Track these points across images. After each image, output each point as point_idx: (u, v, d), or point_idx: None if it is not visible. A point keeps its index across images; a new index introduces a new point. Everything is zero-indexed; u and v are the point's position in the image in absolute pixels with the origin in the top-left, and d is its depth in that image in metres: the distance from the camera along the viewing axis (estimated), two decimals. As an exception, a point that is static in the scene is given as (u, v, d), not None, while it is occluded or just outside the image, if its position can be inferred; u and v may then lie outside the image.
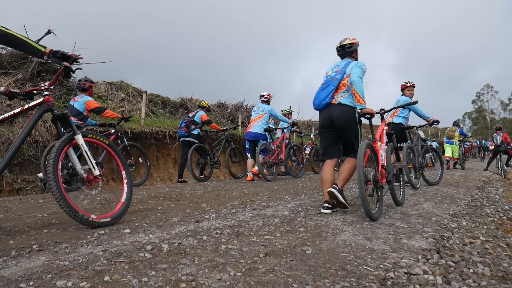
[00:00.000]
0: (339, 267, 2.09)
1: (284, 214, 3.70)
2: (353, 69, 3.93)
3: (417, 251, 2.54)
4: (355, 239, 2.77)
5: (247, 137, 8.50)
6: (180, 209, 4.01)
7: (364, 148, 3.57)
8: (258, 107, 8.74)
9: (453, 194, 5.97)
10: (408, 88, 6.98)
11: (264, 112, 8.48)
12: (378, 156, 3.91)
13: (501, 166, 11.77)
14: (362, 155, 3.49)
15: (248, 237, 2.74)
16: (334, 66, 4.19)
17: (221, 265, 2.05)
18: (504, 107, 71.91)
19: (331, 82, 4.01)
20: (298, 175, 9.19)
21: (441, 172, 7.51)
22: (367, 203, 3.42)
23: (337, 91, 3.99)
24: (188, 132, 8.18)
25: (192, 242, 2.54)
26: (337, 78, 3.99)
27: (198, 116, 8.45)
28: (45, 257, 2.17)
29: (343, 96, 3.96)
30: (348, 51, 4.21)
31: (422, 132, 7.52)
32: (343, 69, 4.02)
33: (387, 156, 4.13)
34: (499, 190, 7.18)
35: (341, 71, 4.01)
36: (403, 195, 4.69)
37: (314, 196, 5.25)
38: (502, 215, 4.45)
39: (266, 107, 8.57)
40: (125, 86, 11.75)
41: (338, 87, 3.99)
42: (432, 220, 3.68)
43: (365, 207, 3.42)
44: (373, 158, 3.90)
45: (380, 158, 3.91)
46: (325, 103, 3.99)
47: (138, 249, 2.35)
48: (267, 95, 8.76)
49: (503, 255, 2.72)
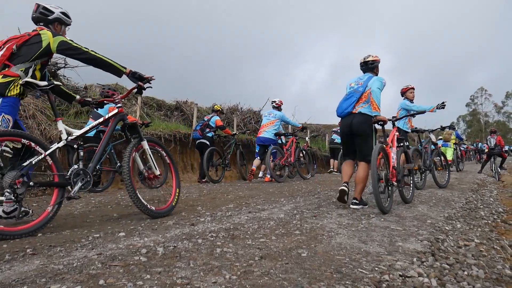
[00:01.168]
0: (334, 270, 2.10)
1: (279, 217, 3.70)
2: (374, 82, 4.50)
3: (412, 253, 2.55)
4: (350, 242, 2.78)
5: (258, 142, 8.89)
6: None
7: (377, 151, 4.15)
8: (269, 112, 9.05)
9: (448, 196, 5.99)
10: (410, 91, 7.09)
11: (275, 118, 8.83)
12: (390, 158, 4.52)
13: (495, 169, 11.83)
14: (376, 156, 4.07)
15: (244, 240, 2.74)
16: (357, 79, 4.75)
17: (217, 268, 2.04)
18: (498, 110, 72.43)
19: (354, 93, 4.58)
20: (307, 177, 9.55)
21: (448, 175, 7.64)
22: (379, 198, 3.98)
23: (358, 102, 4.55)
24: (203, 135, 8.66)
25: (187, 245, 2.54)
26: (359, 91, 4.55)
27: (213, 120, 8.89)
28: (39, 261, 2.16)
29: (363, 107, 4.52)
30: (371, 66, 4.76)
31: (434, 136, 7.64)
32: (365, 83, 4.57)
33: (398, 158, 4.68)
34: (493, 193, 7.22)
35: (363, 85, 4.57)
36: (412, 194, 5.21)
37: (309, 199, 5.25)
38: (496, 217, 4.47)
39: (277, 113, 8.92)
40: (120, 89, 11.70)
41: (360, 98, 4.54)
42: (427, 222, 3.69)
43: (377, 202, 3.97)
44: (385, 160, 4.50)
45: (391, 160, 4.53)
46: (347, 112, 4.57)
47: (133, 252, 2.34)
48: (278, 102, 9.09)
49: (497, 257, 2.73)
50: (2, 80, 3.07)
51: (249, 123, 15.06)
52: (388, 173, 4.42)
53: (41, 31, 3.26)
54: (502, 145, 13.03)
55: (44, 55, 3.27)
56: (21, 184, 2.83)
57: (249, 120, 15.27)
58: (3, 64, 3.13)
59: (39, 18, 3.41)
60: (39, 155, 2.98)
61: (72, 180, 3.18)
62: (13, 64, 3.15)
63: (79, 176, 3.24)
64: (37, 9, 3.40)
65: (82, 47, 3.30)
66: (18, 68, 3.15)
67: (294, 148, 9.21)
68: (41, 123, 6.87)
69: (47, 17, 3.42)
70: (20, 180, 2.82)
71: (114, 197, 5.28)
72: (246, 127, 14.24)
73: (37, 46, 3.19)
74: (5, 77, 3.09)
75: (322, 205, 4.63)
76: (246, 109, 16.00)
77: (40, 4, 3.41)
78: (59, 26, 3.51)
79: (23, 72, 3.18)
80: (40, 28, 3.34)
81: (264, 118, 9.15)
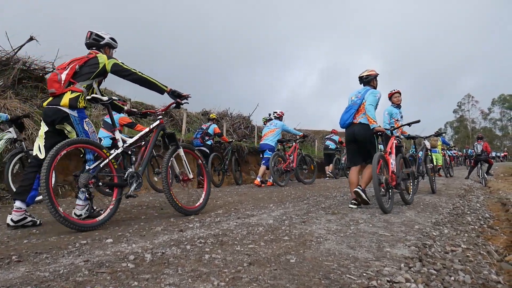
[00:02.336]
0: (322, 276, 2.10)
1: (268, 223, 3.70)
2: (368, 96, 5.05)
3: (399, 259, 2.56)
4: (339, 248, 2.79)
5: (261, 148, 9.59)
6: (163, 218, 3.98)
7: (377, 158, 4.63)
8: (271, 122, 9.78)
9: (435, 202, 6.05)
10: (395, 95, 7.09)
11: (276, 127, 9.50)
12: (389, 164, 5.05)
13: (482, 175, 11.98)
14: (376, 164, 4.56)
15: (232, 246, 2.73)
16: (356, 92, 5.30)
17: (205, 275, 2.04)
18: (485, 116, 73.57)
19: (353, 106, 5.15)
20: (308, 181, 10.04)
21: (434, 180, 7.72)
22: (381, 199, 4.46)
23: (358, 113, 5.13)
24: (203, 142, 9.30)
25: (176, 252, 2.52)
26: (357, 103, 5.13)
27: (212, 128, 9.54)
28: (24, 268, 2.13)
29: (363, 117, 5.07)
30: (365, 81, 5.32)
31: (428, 142, 7.75)
32: (363, 96, 5.13)
33: (397, 164, 5.19)
34: (480, 198, 7.31)
35: (361, 97, 5.13)
36: (412, 196, 5.80)
37: (298, 204, 5.26)
38: (482, 223, 4.52)
39: (278, 122, 9.63)
40: (109, 94, 11.65)
41: (359, 110, 5.12)
42: (415, 228, 3.72)
43: (379, 203, 4.46)
44: (384, 166, 4.97)
45: (390, 166, 5.04)
46: (348, 123, 5.14)
47: (120, 259, 2.32)
48: (279, 112, 9.85)
49: (484, 263, 2.76)
50: (72, 95, 3.54)
51: (238, 128, 15.06)
52: (388, 177, 4.89)
53: (97, 54, 3.79)
54: (489, 151, 13.19)
55: (100, 75, 3.79)
56: (93, 184, 3.42)
57: (239, 125, 15.26)
58: (68, 81, 3.60)
59: (92, 44, 3.94)
60: (104, 160, 3.55)
61: (128, 181, 3.77)
62: (76, 81, 3.63)
63: (133, 178, 3.84)
64: (90, 36, 3.93)
65: (131, 69, 3.81)
66: (81, 84, 3.65)
67: (296, 154, 9.77)
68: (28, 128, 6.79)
69: (99, 43, 3.96)
70: (92, 181, 3.39)
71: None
72: (236, 132, 14.25)
73: (95, 67, 3.70)
74: (74, 93, 3.57)
75: (311, 211, 4.64)
76: (236, 114, 15.99)
77: (93, 31, 3.95)
78: (109, 49, 4.06)
79: (85, 88, 3.70)
80: (96, 52, 3.88)
81: (265, 127, 9.89)
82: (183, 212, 4.10)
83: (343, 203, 5.54)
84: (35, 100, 8.15)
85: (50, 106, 3.56)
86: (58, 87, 3.56)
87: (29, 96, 8.08)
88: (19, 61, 8.26)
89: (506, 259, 3.01)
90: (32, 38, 8.28)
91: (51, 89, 3.57)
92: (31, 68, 8.64)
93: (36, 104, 8.02)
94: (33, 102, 7.96)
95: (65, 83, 3.58)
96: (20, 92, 8.05)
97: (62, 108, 3.49)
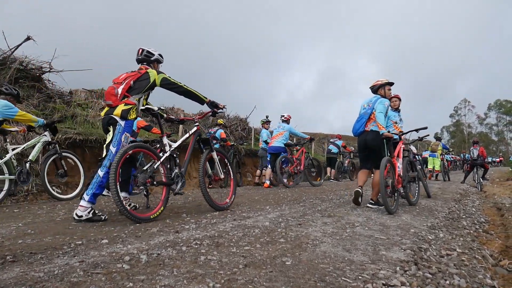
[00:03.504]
0: (318, 279, 2.10)
1: (264, 225, 3.70)
2: (378, 105, 5.41)
3: (395, 262, 2.57)
4: (335, 251, 2.79)
5: (270, 151, 9.85)
6: (159, 219, 3.97)
7: (385, 163, 4.95)
8: (279, 125, 10.10)
9: (431, 206, 6.06)
10: (392, 99, 7.08)
11: (284, 130, 9.86)
12: (395, 168, 5.36)
13: (478, 179, 12.02)
14: (384, 167, 4.87)
15: (228, 248, 2.73)
16: (368, 101, 5.66)
17: (200, 276, 2.03)
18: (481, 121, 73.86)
19: (364, 116, 5.55)
20: (316, 183, 10.43)
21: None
22: (387, 201, 4.80)
23: (369, 121, 5.51)
24: None
25: (171, 253, 2.52)
26: (368, 113, 5.51)
27: (219, 133, 10.12)
28: (19, 268, 2.12)
29: (374, 125, 5.45)
30: (373, 90, 5.73)
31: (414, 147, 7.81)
32: (373, 105, 5.49)
33: (403, 168, 5.57)
34: (476, 203, 7.33)
35: (371, 107, 5.51)
36: (417, 197, 6.28)
37: (294, 207, 5.27)
38: (478, 227, 4.54)
39: (286, 126, 9.98)
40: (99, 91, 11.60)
41: (369, 118, 5.50)
42: (410, 231, 3.72)
43: (385, 204, 4.80)
44: (391, 170, 5.27)
45: (397, 170, 5.37)
46: (360, 131, 5.54)
47: (116, 260, 2.32)
48: (287, 116, 10.22)
49: (479, 267, 2.77)
50: (125, 107, 3.96)
51: (235, 130, 15.05)
52: (394, 181, 5.19)
53: (148, 70, 4.24)
54: (485, 156, 13.23)
55: (150, 88, 4.23)
56: (149, 183, 4.00)
57: (236, 127, 15.25)
58: (123, 95, 4.03)
59: (143, 60, 4.37)
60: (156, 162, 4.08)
61: (175, 180, 4.30)
62: (130, 95, 4.06)
63: (179, 177, 4.37)
64: (142, 53, 4.37)
65: (177, 82, 4.30)
66: (134, 98, 4.08)
67: (304, 157, 10.21)
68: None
69: (149, 59, 4.39)
70: (149, 180, 3.97)
71: (97, 204, 5.21)
72: (233, 134, 14.27)
73: (146, 82, 4.15)
74: (127, 105, 3.98)
75: (307, 213, 4.65)
76: (232, 116, 15.97)
77: (144, 48, 4.39)
78: (157, 64, 4.51)
79: (137, 101, 4.13)
80: (145, 67, 4.30)
81: (274, 130, 10.21)
82: (215, 207, 4.63)
83: (339, 206, 5.55)
84: (31, 100, 8.12)
85: (106, 115, 4.07)
86: (115, 100, 4.00)
87: (25, 96, 8.04)
88: (16, 61, 8.24)
89: (501, 263, 3.02)
90: (29, 37, 8.27)
91: (108, 101, 4.03)
92: (28, 68, 8.62)
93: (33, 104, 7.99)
94: (30, 102, 7.94)
95: (121, 96, 4.02)
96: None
97: (114, 116, 3.96)
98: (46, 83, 9.29)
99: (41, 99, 8.51)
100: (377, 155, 5.42)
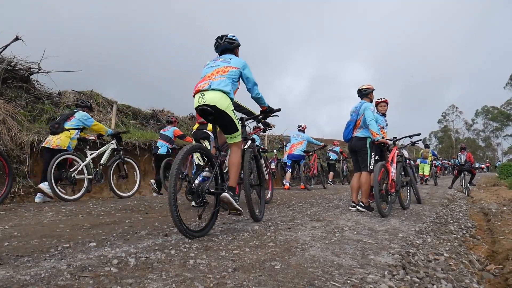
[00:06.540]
0: (307, 283, 2.10)
1: (254, 229, 3.70)
2: (365, 112, 5.63)
3: (383, 267, 2.58)
4: (324, 255, 2.80)
5: (290, 158, 11.12)
6: (148, 222, 3.94)
7: (380, 167, 5.18)
8: (297, 134, 11.33)
9: (419, 211, 6.12)
10: (381, 104, 7.10)
11: (303, 139, 11.16)
12: (389, 173, 5.66)
13: (465, 185, 12.17)
14: (378, 172, 5.09)
15: (217, 251, 2.72)
16: (354, 107, 5.91)
17: (189, 280, 2.02)
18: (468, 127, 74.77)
19: (351, 123, 5.83)
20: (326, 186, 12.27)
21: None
22: (380, 205, 4.98)
23: (355, 128, 5.80)
24: None
25: (160, 256, 2.50)
26: (354, 119, 5.79)
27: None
28: (5, 271, 2.09)
29: (359, 131, 5.76)
30: (364, 93, 5.93)
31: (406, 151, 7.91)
32: (358, 111, 5.75)
33: (397, 172, 5.92)
34: (463, 208, 7.42)
35: (357, 112, 5.76)
36: (409, 201, 6.59)
37: (284, 211, 5.27)
38: (465, 232, 4.59)
39: (303, 135, 11.28)
40: (95, 96, 11.55)
41: (355, 125, 5.79)
42: (399, 236, 3.75)
43: (378, 207, 4.96)
44: (385, 174, 5.55)
45: (391, 174, 5.67)
46: (349, 137, 5.86)
47: (103, 263, 2.30)
48: (303, 126, 11.48)
49: (465, 272, 2.80)
50: None
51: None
52: (387, 185, 5.47)
53: None
54: (472, 161, 13.41)
55: None
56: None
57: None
58: None
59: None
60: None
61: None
62: None
63: None
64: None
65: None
66: None
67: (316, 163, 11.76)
68: (12, 128, 6.69)
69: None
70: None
71: (85, 206, 5.17)
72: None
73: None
74: None
75: (297, 217, 4.65)
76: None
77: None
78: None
79: None
80: None
81: (293, 138, 11.38)
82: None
83: (328, 210, 5.57)
84: (19, 100, 8.03)
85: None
86: None
87: (13, 97, 7.96)
88: (3, 61, 8.14)
89: (487, 268, 3.06)
90: (18, 38, 8.18)
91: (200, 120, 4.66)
92: (16, 68, 8.52)
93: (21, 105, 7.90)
94: (18, 103, 7.84)
95: None
96: (4, 92, 7.92)
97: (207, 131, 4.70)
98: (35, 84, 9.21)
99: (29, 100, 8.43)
100: (363, 157, 5.66)
